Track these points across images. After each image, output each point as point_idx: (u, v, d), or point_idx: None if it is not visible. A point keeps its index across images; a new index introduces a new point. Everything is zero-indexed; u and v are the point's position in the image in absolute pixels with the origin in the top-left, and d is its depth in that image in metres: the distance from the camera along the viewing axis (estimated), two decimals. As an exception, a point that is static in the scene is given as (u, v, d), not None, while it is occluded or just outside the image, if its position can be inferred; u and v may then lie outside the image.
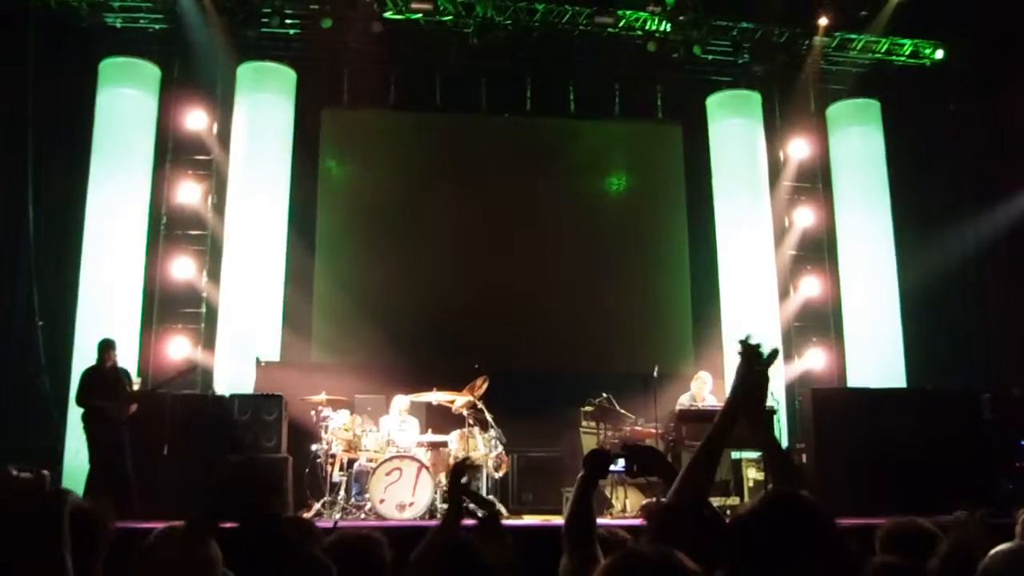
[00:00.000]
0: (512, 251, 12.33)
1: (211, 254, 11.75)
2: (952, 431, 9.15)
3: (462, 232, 12.38)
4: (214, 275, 11.62)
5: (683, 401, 9.83)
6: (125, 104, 11.65)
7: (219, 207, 11.87)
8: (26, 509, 1.66)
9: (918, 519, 3.37)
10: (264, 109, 12.05)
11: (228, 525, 3.19)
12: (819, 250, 12.94)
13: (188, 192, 11.74)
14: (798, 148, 13.01)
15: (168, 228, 11.79)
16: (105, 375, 8.80)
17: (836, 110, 13.16)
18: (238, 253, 11.54)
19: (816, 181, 13.18)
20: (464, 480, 3.87)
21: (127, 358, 9.08)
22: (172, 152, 11.92)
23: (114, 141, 11.51)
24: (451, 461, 8.98)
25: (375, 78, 12.37)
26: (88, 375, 8.84)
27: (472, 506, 3.88)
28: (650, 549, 1.68)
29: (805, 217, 12.90)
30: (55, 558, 1.63)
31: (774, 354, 2.60)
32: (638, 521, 7.14)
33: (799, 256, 12.92)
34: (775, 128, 13.22)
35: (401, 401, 9.50)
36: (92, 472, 8.63)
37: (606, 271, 12.52)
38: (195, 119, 11.88)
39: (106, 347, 9.00)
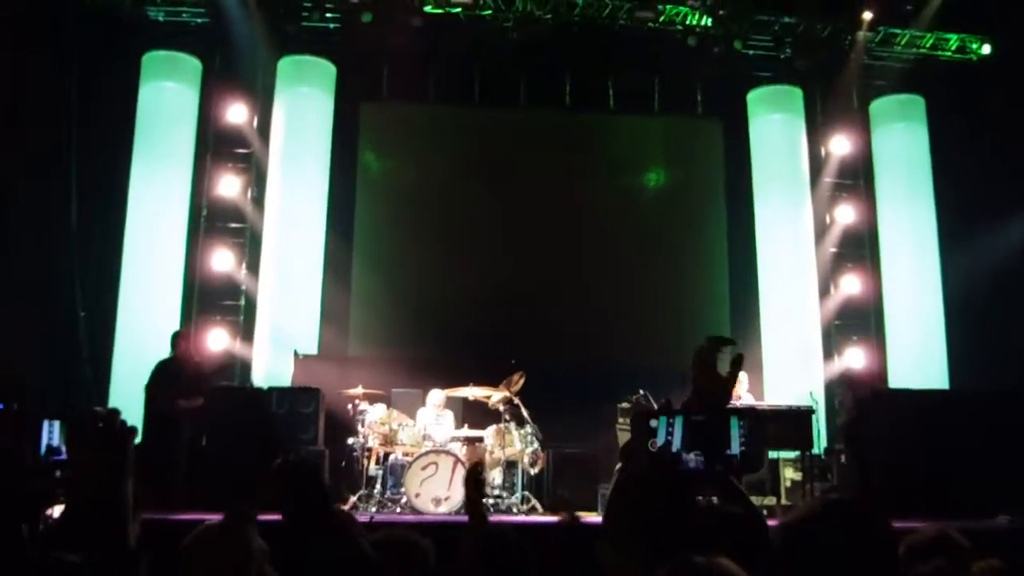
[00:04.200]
0: (550, 245, 12.30)
1: (250, 247, 11.83)
2: (996, 433, 8.98)
3: (500, 226, 12.37)
4: (253, 268, 11.70)
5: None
6: (167, 98, 11.77)
7: (259, 200, 11.95)
8: (103, 438, 1.82)
9: (946, 530, 3.29)
10: (304, 103, 12.13)
11: (273, 518, 3.20)
12: (860, 248, 12.77)
13: (228, 185, 11.83)
14: (840, 144, 12.84)
15: (208, 221, 11.88)
16: (175, 366, 8.88)
17: (879, 106, 12.98)
18: (277, 246, 11.63)
19: (858, 178, 13.00)
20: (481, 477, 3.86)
21: (167, 348, 9.13)
22: (213, 145, 12.02)
23: (156, 134, 11.64)
24: (487, 456, 8.98)
25: (414, 72, 12.35)
26: (160, 366, 8.92)
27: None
28: (705, 560, 1.65)
29: (846, 214, 12.72)
30: (120, 483, 1.79)
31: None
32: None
33: (840, 254, 12.76)
34: (816, 124, 13.06)
35: (436, 395, 9.51)
36: (138, 457, 8.68)
37: (644, 267, 12.45)
38: (235, 112, 11.96)
39: (176, 337, 9.11)
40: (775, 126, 12.83)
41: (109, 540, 1.78)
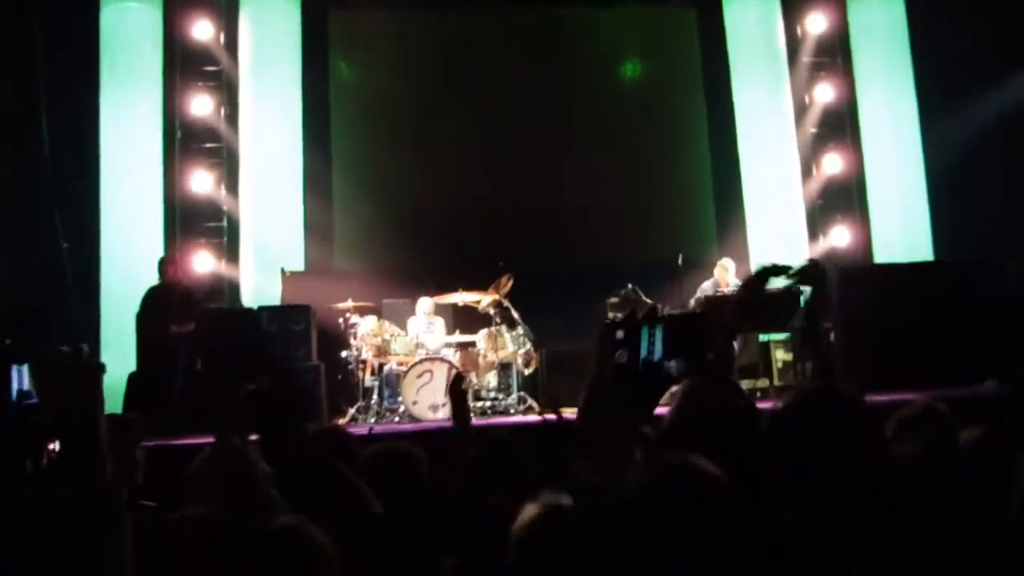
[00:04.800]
0: (530, 145, 12.21)
1: (228, 166, 11.67)
2: (981, 302, 9.10)
3: (478, 129, 12.23)
4: (233, 187, 11.57)
5: (706, 287, 9.83)
6: (130, 18, 11.42)
7: (232, 118, 11.75)
8: (70, 374, 1.86)
9: (933, 403, 3.35)
10: (270, 13, 11.83)
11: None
12: (841, 126, 12.66)
13: (201, 105, 11.60)
14: (816, 22, 12.63)
15: (184, 142, 11.67)
16: (165, 292, 8.87)
17: (855, -20, 12.74)
18: (255, 163, 11.50)
19: (835, 56, 12.79)
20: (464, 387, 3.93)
21: (153, 276, 9.12)
22: (181, 65, 11.73)
23: (122, 57, 11.33)
24: (480, 360, 9.07)
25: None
26: (150, 293, 8.92)
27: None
28: (673, 457, 1.68)
29: (825, 93, 12.59)
30: (93, 416, 1.83)
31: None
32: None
33: (821, 134, 12.66)
34: (792, 4, 12.82)
35: (425, 303, 9.56)
36: (133, 385, 8.77)
37: (626, 160, 12.38)
38: (201, 29, 11.64)
39: (163, 263, 9.10)
40: (750, 9, 12.62)
41: (86, 475, 1.81)
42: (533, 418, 8.49)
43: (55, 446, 4.69)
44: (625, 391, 1.58)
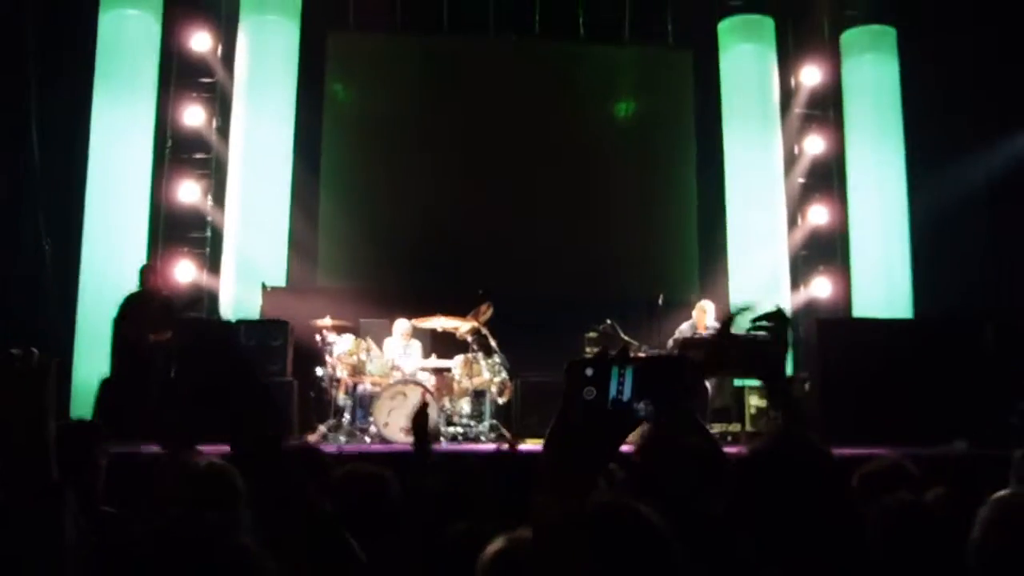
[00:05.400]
0: (518, 175, 12.26)
1: (216, 178, 11.67)
2: (957, 362, 9.14)
3: (467, 156, 12.29)
4: (219, 199, 11.57)
5: (684, 330, 9.85)
6: (128, 25, 11.44)
7: (224, 131, 11.77)
8: (14, 377, 1.86)
9: (899, 460, 3.37)
10: (269, 31, 11.88)
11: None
12: (828, 179, 12.79)
13: (193, 115, 11.63)
14: (810, 75, 12.79)
15: (173, 151, 11.67)
16: (144, 299, 8.82)
17: (850, 37, 12.88)
18: (243, 177, 11.50)
19: (828, 109, 12.94)
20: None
21: (134, 282, 9.09)
22: (177, 75, 11.76)
23: (118, 63, 11.33)
24: (455, 386, 9.05)
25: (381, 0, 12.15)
26: (128, 300, 8.87)
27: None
28: (617, 501, 1.69)
29: (815, 145, 12.73)
30: (39, 421, 1.83)
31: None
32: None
33: (808, 184, 12.77)
34: (787, 55, 12.97)
35: (403, 325, 9.53)
36: (105, 391, 8.69)
37: (613, 197, 12.46)
38: (199, 41, 11.70)
39: (145, 271, 9.07)
40: (746, 57, 12.74)
41: (32, 479, 1.80)
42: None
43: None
44: (591, 428, 1.59)
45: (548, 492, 1.50)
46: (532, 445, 8.84)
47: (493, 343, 9.26)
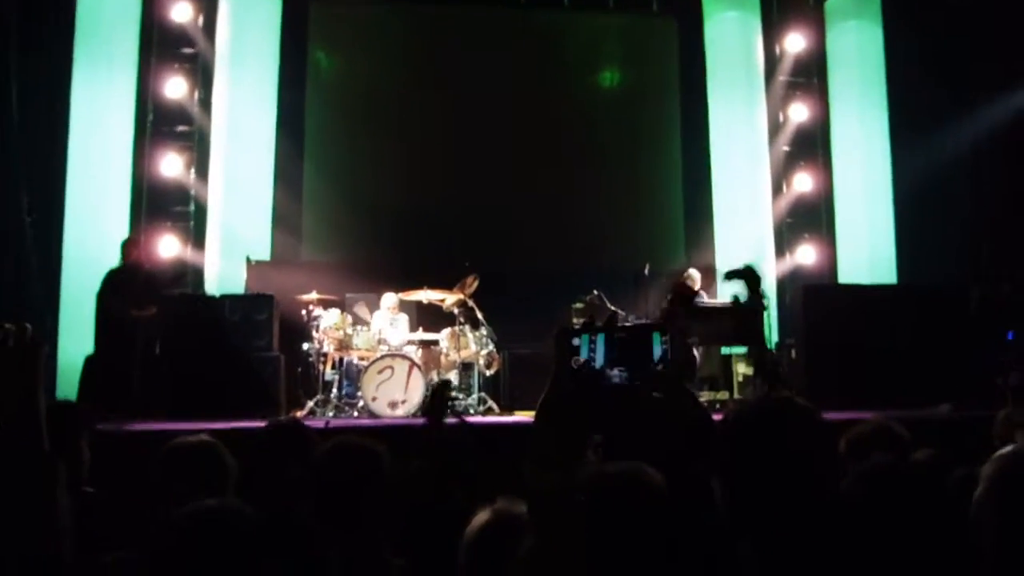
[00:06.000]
0: (504, 146, 12.19)
1: (199, 151, 11.54)
2: (941, 326, 9.20)
3: (452, 128, 12.22)
4: (202, 172, 11.46)
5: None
6: (108, -7, 11.27)
7: (206, 102, 11.63)
8: (7, 350, 1.85)
9: (886, 422, 3.38)
10: (251, 0, 11.72)
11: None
12: (813, 146, 12.78)
13: (174, 87, 11.46)
14: (794, 42, 12.74)
15: (155, 124, 11.54)
16: (127, 274, 8.75)
17: (834, 3, 12.85)
18: (226, 149, 11.38)
19: (812, 76, 12.91)
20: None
21: (116, 257, 9.01)
22: (158, 45, 11.59)
23: (98, 33, 11.13)
24: (442, 359, 9.04)
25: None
26: (111, 275, 8.78)
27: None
28: (618, 466, 1.69)
29: (799, 113, 12.70)
30: (32, 393, 1.83)
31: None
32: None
33: (792, 152, 12.76)
34: (772, 22, 12.90)
35: (389, 298, 9.51)
36: (90, 368, 8.65)
37: (598, 167, 12.43)
38: (180, 10, 11.53)
39: (126, 245, 8.97)
40: (730, 24, 12.68)
41: (25, 449, 1.80)
42: (493, 419, 8.49)
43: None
44: (579, 395, 1.59)
45: (539, 461, 1.50)
46: (520, 416, 8.89)
47: (480, 315, 9.25)
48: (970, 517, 2.07)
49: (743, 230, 12.08)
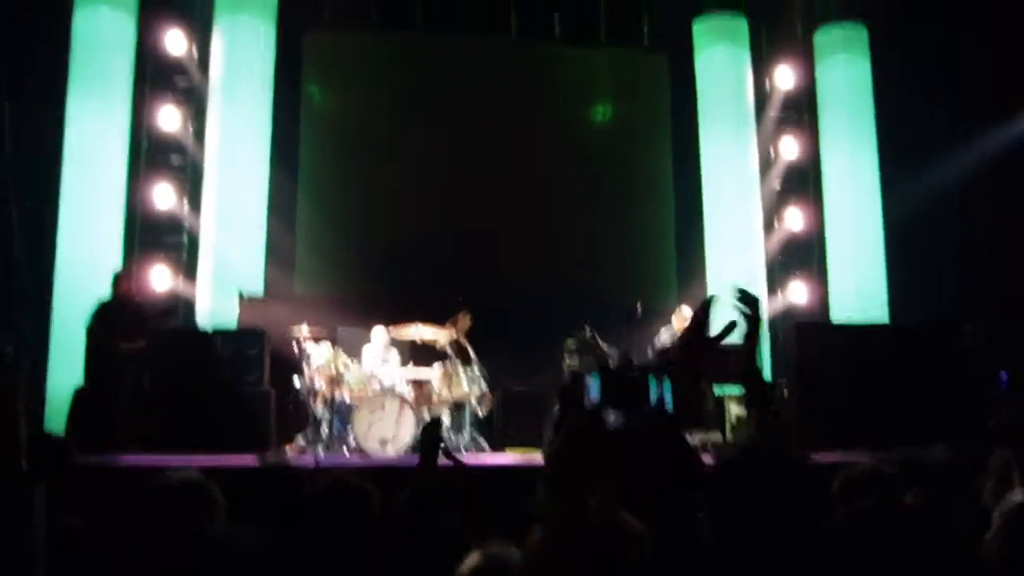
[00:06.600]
0: (496, 180, 12.21)
1: (192, 182, 11.52)
2: (934, 366, 9.19)
3: (445, 161, 12.23)
4: (195, 204, 11.43)
5: (663, 335, 9.85)
6: (102, 24, 11.22)
7: (200, 134, 11.63)
8: None
9: (879, 464, 3.37)
10: (244, 32, 11.72)
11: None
12: (804, 183, 12.79)
13: (168, 118, 11.46)
14: (784, 77, 12.80)
15: (149, 155, 11.51)
16: (115, 307, 8.72)
17: (823, 37, 12.89)
18: (219, 182, 11.35)
19: (802, 112, 12.96)
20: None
21: (107, 288, 8.98)
22: (152, 76, 11.60)
23: (92, 63, 11.12)
24: (434, 398, 8.99)
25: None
26: (100, 307, 8.77)
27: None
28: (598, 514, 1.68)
29: (790, 149, 12.72)
30: (10, 413, 1.83)
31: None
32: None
33: (784, 189, 12.77)
34: (762, 56, 13.00)
35: (380, 332, 9.47)
36: (79, 401, 8.59)
37: (590, 202, 12.46)
38: (174, 41, 11.55)
39: (117, 278, 8.97)
40: (720, 59, 12.75)
41: (3, 468, 1.79)
42: (485, 460, 8.42)
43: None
44: (592, 435, 1.58)
45: (554, 496, 1.49)
46: (512, 455, 8.84)
47: (472, 354, 9.23)
48: (981, 556, 2.06)
49: (735, 268, 12.07)
